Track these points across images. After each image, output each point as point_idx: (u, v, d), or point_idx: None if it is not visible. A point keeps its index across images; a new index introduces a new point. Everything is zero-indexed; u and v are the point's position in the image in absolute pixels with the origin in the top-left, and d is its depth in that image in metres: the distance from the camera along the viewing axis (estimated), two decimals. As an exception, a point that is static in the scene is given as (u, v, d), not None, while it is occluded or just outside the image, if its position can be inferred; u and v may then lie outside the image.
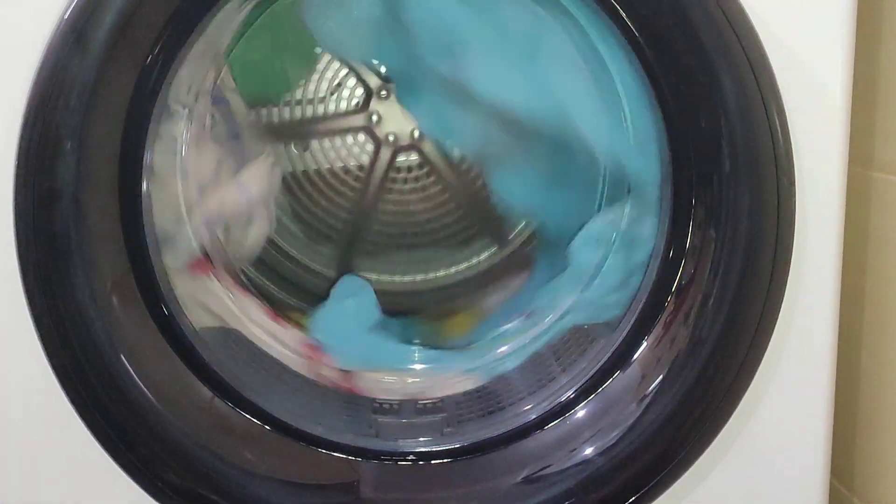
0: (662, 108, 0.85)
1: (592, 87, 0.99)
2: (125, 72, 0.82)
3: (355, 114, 1.19)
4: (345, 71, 1.19)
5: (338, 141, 1.20)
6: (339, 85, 1.20)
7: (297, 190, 1.21)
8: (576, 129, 0.99)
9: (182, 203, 0.98)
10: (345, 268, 1.22)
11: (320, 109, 1.20)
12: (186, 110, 0.97)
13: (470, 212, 1.22)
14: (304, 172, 1.21)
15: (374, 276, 1.21)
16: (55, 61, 0.80)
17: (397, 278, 1.23)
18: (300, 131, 1.20)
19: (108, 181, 0.83)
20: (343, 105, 1.20)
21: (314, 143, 1.21)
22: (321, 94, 1.19)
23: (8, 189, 0.81)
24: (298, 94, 1.19)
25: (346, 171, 1.21)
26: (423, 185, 1.22)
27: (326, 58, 1.18)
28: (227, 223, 1.06)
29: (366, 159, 1.20)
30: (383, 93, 1.17)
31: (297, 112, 1.20)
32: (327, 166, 1.21)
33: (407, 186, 1.22)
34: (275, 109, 1.19)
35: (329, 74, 1.19)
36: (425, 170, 1.21)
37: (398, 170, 1.21)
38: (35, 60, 0.81)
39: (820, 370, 0.92)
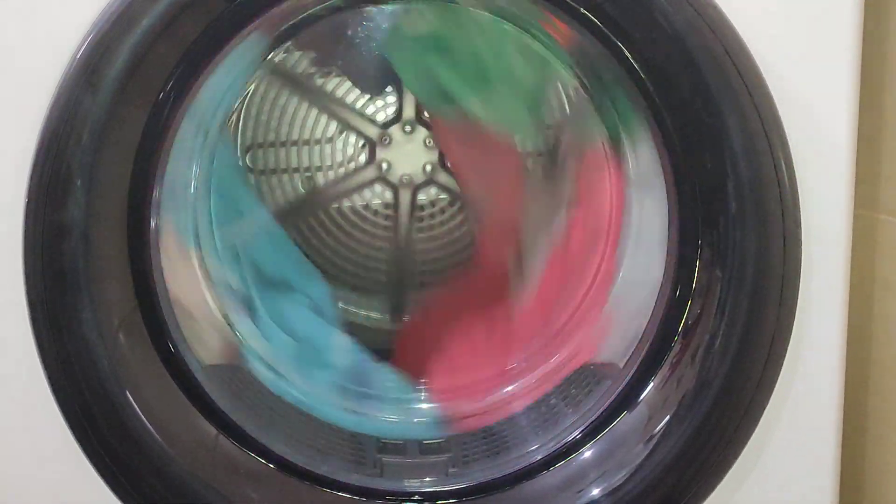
0: (668, 149, 0.85)
1: None
2: (136, 110, 0.83)
3: (365, 168, 1.20)
4: (341, 130, 1.20)
5: (356, 198, 1.21)
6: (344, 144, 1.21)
7: (323, 247, 1.22)
8: None
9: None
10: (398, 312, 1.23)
11: (330, 175, 1.21)
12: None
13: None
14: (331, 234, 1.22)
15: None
16: (67, 99, 0.81)
17: None
18: (316, 203, 1.21)
19: (117, 218, 0.84)
20: (352, 165, 1.21)
21: (319, 178, 1.22)
22: (328, 161, 1.21)
23: (18, 224, 0.82)
24: (305, 162, 1.21)
25: (374, 213, 1.22)
26: (450, 214, 1.22)
27: (323, 120, 1.20)
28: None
29: (388, 207, 1.21)
30: (408, 127, 1.18)
31: (308, 184, 1.21)
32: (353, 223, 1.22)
33: (436, 220, 1.22)
34: (285, 180, 1.20)
35: (329, 135, 1.21)
36: (448, 199, 1.22)
37: (422, 207, 1.21)
38: (47, 98, 0.82)
39: (827, 411, 0.92)
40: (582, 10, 0.83)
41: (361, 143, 1.20)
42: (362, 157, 1.21)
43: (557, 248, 1.07)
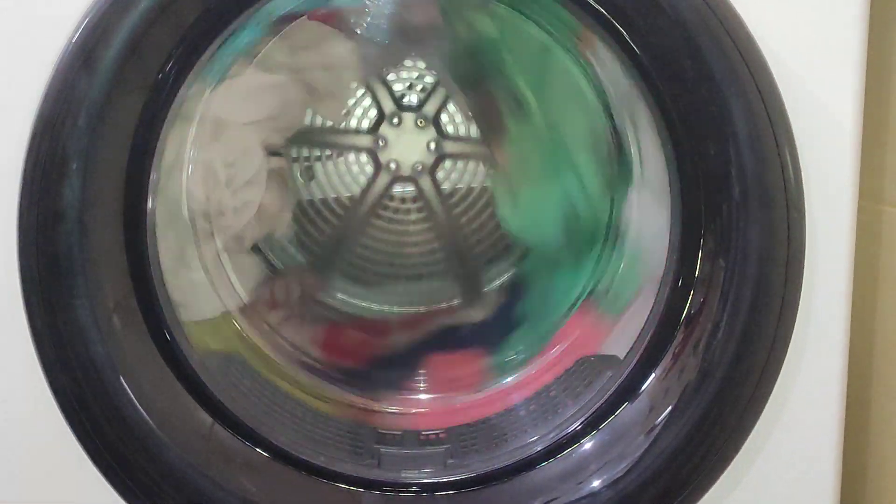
0: (672, 137, 0.84)
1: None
2: (133, 93, 0.82)
3: (364, 134, 1.19)
4: (362, 90, 1.19)
5: (340, 160, 1.20)
6: (353, 104, 1.20)
7: (303, 220, 1.21)
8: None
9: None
10: (320, 285, 1.20)
11: (328, 124, 1.20)
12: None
13: (448, 256, 1.22)
14: (311, 202, 1.21)
15: (367, 305, 1.20)
16: (63, 82, 0.80)
17: (395, 309, 1.21)
18: (306, 139, 1.19)
19: (112, 202, 0.83)
20: (353, 123, 1.20)
21: (318, 168, 1.20)
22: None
23: (13, 209, 0.81)
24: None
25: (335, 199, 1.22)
26: (413, 218, 1.21)
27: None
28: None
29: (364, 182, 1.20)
30: (395, 119, 1.18)
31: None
32: (333, 195, 1.20)
33: (397, 216, 1.21)
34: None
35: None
36: (417, 204, 1.21)
37: (391, 198, 1.20)
38: (43, 81, 0.81)
39: (830, 402, 0.91)
40: (586, -4, 0.82)
41: (371, 117, 1.19)
42: (365, 124, 1.19)
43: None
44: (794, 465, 0.91)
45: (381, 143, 1.18)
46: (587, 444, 0.90)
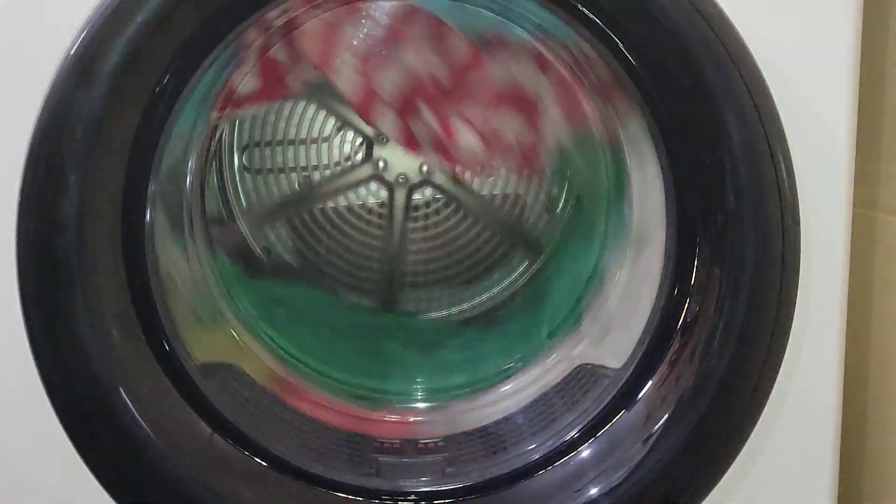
0: (666, 145, 0.85)
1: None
2: (131, 105, 0.82)
3: (361, 166, 1.20)
4: (339, 128, 1.20)
5: (351, 196, 1.21)
6: (341, 143, 1.21)
7: (316, 244, 1.22)
8: None
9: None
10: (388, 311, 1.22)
11: (326, 172, 1.21)
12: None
13: (499, 229, 1.23)
14: (319, 225, 1.22)
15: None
16: (61, 95, 0.80)
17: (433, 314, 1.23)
18: (311, 199, 1.21)
19: (111, 214, 0.83)
20: (348, 163, 1.21)
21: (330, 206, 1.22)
22: (325, 160, 1.21)
23: (11, 221, 0.81)
24: (302, 161, 1.20)
25: (369, 211, 1.22)
26: (445, 215, 1.22)
27: (320, 118, 1.20)
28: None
29: (383, 206, 1.21)
30: (383, 138, 1.18)
31: (306, 184, 1.21)
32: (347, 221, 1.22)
33: (430, 221, 1.22)
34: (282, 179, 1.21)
35: (325, 133, 1.21)
36: (443, 201, 1.21)
37: (416, 208, 1.21)
38: (41, 93, 0.81)
39: (826, 409, 0.91)
40: (579, 6, 0.83)
41: (359, 141, 1.20)
42: (359, 156, 1.20)
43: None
44: (791, 473, 0.92)
45: (381, 165, 1.18)
46: (585, 452, 0.90)
